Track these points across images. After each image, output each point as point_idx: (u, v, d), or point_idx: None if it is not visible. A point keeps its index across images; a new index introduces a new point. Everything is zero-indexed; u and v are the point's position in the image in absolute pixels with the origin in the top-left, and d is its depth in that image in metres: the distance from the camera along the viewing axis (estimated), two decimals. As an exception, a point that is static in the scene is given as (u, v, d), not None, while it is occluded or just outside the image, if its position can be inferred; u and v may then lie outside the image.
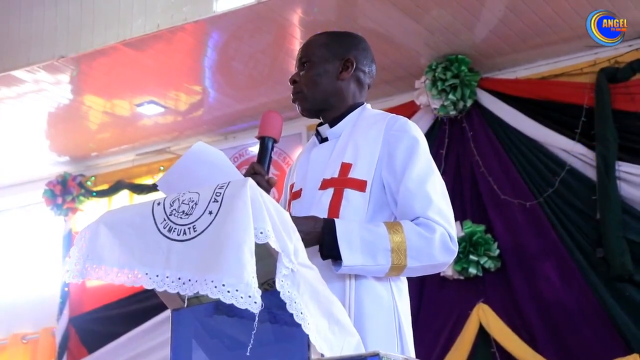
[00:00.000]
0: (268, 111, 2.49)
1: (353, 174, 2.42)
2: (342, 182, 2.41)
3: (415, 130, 2.47)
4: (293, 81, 2.60)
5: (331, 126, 2.57)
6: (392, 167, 2.41)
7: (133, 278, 1.86)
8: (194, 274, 1.77)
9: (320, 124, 2.62)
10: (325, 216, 2.38)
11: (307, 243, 2.08)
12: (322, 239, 2.28)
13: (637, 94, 5.50)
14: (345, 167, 2.43)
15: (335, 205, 2.40)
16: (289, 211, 2.49)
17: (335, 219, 2.31)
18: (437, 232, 2.31)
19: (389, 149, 2.43)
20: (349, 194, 2.40)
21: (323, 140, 2.60)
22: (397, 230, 2.30)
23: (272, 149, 2.43)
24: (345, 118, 2.55)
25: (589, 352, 5.22)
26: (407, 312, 2.42)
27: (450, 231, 2.34)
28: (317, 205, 2.42)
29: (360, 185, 2.39)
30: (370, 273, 2.31)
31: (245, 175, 2.35)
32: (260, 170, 2.38)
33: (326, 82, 2.55)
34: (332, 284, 2.28)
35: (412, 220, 2.34)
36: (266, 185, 2.35)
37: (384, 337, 2.29)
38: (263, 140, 2.42)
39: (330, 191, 2.42)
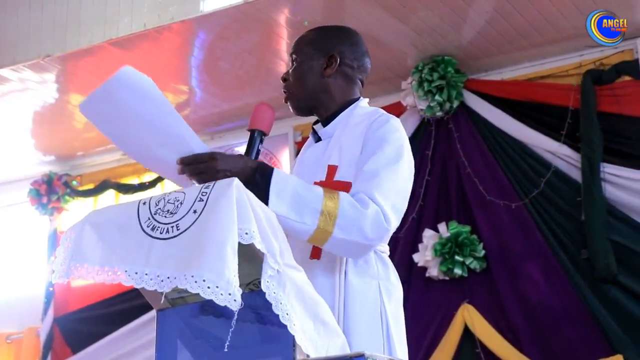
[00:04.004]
0: (259, 104, 2.41)
1: (338, 176, 2.37)
2: (328, 186, 2.33)
3: (395, 122, 2.40)
4: (283, 79, 2.57)
5: (324, 125, 2.54)
6: (364, 155, 2.35)
7: (113, 276, 1.87)
8: (173, 271, 1.78)
9: (316, 122, 2.58)
10: None
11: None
12: (252, 178, 2.17)
13: (622, 96, 5.52)
14: (332, 170, 2.39)
15: None
16: None
17: (275, 168, 2.23)
18: (371, 209, 2.21)
19: (365, 142, 2.37)
20: None
21: (319, 139, 2.56)
22: (333, 197, 2.21)
23: (261, 142, 2.35)
24: (337, 117, 2.51)
25: (573, 352, 5.24)
26: (398, 316, 2.37)
27: (387, 213, 2.22)
28: None
29: (346, 188, 2.30)
30: (293, 230, 2.16)
31: None
32: None
33: (311, 79, 2.51)
34: (322, 284, 2.27)
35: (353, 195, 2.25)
36: None
37: (370, 339, 2.26)
38: (252, 133, 2.35)
39: None
